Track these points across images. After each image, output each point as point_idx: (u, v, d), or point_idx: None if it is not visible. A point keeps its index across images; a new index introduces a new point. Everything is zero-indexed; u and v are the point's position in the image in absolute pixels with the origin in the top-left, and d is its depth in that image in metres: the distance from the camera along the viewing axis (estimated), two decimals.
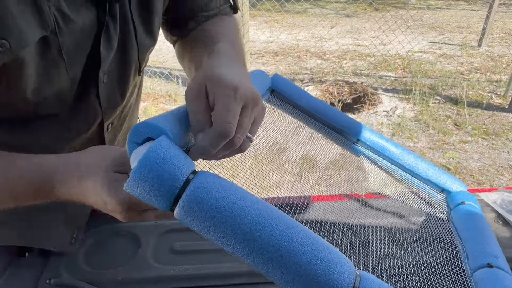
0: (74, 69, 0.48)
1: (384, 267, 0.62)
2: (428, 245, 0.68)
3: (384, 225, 0.72)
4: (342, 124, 0.81)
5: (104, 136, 0.59)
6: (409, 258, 0.64)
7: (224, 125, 0.38)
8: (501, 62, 4.11)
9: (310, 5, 6.79)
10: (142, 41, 0.55)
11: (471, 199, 0.76)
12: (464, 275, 0.61)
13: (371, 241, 0.68)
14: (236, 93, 0.40)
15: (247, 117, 0.41)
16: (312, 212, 0.76)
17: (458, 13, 6.28)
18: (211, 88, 0.40)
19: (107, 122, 0.58)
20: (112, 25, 0.48)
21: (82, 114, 0.54)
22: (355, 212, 0.76)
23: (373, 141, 0.80)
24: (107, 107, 0.56)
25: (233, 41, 0.58)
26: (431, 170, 0.80)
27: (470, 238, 0.67)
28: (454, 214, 0.74)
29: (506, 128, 2.87)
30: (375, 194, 0.81)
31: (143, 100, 3.41)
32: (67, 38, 0.44)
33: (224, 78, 0.41)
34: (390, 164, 0.82)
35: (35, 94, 0.45)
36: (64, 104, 0.51)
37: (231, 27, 0.63)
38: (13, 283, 0.63)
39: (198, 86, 0.41)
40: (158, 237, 0.72)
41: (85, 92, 0.52)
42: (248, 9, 3.36)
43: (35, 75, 0.43)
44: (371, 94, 3.39)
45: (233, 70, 0.44)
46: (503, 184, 2.30)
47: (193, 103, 0.41)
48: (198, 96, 0.41)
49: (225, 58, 0.48)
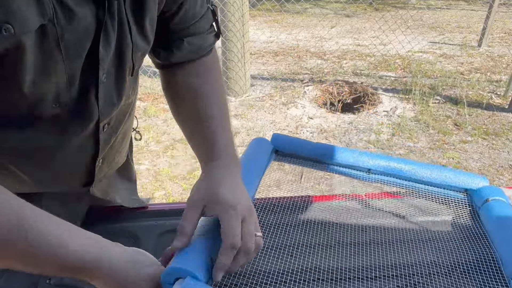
0: (72, 64, 0.47)
1: (385, 267, 0.62)
2: (457, 250, 0.65)
3: (386, 224, 0.72)
4: (348, 160, 0.82)
5: (99, 136, 0.59)
6: (414, 257, 0.64)
7: (233, 240, 0.49)
8: (501, 62, 4.11)
9: (310, 5, 6.79)
10: (136, 40, 0.55)
11: (495, 193, 0.73)
12: (501, 282, 0.58)
13: (372, 241, 0.68)
14: (236, 210, 0.51)
15: (250, 224, 0.52)
16: (312, 212, 0.76)
17: (458, 13, 6.28)
18: (212, 207, 0.52)
19: (103, 122, 0.58)
20: (110, 23, 0.49)
21: (79, 114, 0.54)
22: (355, 212, 0.76)
23: (383, 166, 0.81)
24: (104, 108, 0.56)
25: (225, 115, 0.67)
26: (447, 173, 0.78)
27: (502, 241, 0.64)
28: (481, 214, 0.72)
29: (506, 128, 2.87)
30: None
31: (143, 100, 3.41)
32: (65, 31, 0.44)
33: (223, 197, 0.52)
34: (407, 182, 0.82)
35: (32, 89, 0.45)
36: (62, 104, 0.50)
37: (216, 87, 0.69)
38: (13, 283, 0.63)
39: (199, 199, 0.53)
40: (158, 237, 0.72)
41: (84, 92, 0.52)
42: (248, 9, 3.36)
43: (32, 67, 0.43)
44: (371, 94, 3.39)
45: (230, 186, 0.55)
46: (503, 184, 2.30)
47: (189, 212, 0.53)
48: (194, 208, 0.53)
49: (228, 175, 0.58)
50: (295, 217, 0.74)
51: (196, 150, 0.65)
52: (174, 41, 0.64)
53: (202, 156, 0.63)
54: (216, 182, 0.55)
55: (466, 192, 0.79)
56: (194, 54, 0.66)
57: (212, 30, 0.67)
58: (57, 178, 0.64)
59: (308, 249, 0.67)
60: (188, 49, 0.65)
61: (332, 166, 0.84)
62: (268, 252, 0.66)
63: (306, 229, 0.71)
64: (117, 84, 0.56)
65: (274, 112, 3.24)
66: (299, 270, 0.62)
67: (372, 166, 0.82)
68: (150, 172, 2.48)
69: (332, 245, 0.67)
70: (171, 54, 0.64)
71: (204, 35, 0.66)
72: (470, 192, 0.78)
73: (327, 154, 0.83)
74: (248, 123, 3.07)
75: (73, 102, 0.51)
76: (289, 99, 3.42)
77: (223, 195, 0.53)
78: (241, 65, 3.40)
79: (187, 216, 0.53)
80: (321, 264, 0.63)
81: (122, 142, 0.72)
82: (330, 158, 0.83)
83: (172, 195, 2.29)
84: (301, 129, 2.96)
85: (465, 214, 0.74)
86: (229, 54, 3.35)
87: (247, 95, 3.53)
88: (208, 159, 0.61)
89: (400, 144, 2.73)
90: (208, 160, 0.61)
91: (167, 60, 0.66)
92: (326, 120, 3.08)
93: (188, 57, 0.66)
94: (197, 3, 0.62)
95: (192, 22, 0.63)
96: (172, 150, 2.72)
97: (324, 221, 0.73)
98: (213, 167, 0.59)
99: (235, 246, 0.49)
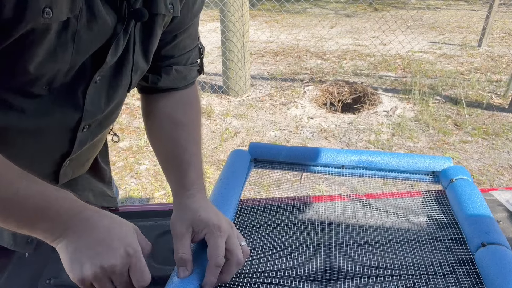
0: (78, 58, 0.52)
1: (385, 266, 0.62)
2: (433, 242, 0.68)
3: (384, 225, 0.72)
4: (321, 159, 0.87)
5: (76, 134, 0.62)
6: (412, 257, 0.64)
7: (217, 259, 0.56)
8: (501, 62, 4.12)
9: (310, 5, 6.79)
10: (137, 59, 0.60)
11: (459, 173, 0.78)
12: (466, 257, 0.63)
13: (371, 241, 0.68)
14: (220, 231, 0.58)
15: (234, 238, 0.60)
16: (312, 212, 0.76)
17: (458, 13, 6.28)
18: (200, 231, 0.59)
19: (84, 121, 0.60)
20: (122, 39, 0.55)
21: (62, 103, 0.57)
22: (355, 212, 0.76)
23: (355, 161, 0.86)
24: (89, 109, 0.59)
25: (199, 147, 0.71)
26: (414, 159, 0.84)
27: (464, 218, 0.69)
28: (448, 194, 0.77)
29: (506, 128, 2.87)
30: (374, 193, 0.81)
31: None
32: (83, 28, 0.49)
33: (208, 221, 0.59)
34: (379, 172, 0.87)
35: (36, 68, 0.49)
36: (51, 88, 0.54)
37: (195, 120, 0.74)
38: (13, 283, 0.63)
39: (186, 229, 0.59)
40: (157, 237, 0.72)
41: (76, 84, 0.55)
42: (248, 9, 3.36)
43: (45, 50, 0.48)
44: (371, 94, 3.39)
45: (207, 209, 0.62)
46: (503, 184, 2.30)
47: (181, 242, 0.59)
48: (184, 237, 0.59)
49: (199, 199, 0.64)
50: (295, 217, 0.75)
51: (170, 178, 0.69)
52: (164, 67, 0.69)
53: (174, 187, 0.67)
54: (195, 210, 0.61)
55: (434, 174, 0.84)
56: (179, 82, 0.71)
57: (196, 64, 0.74)
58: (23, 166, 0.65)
59: (308, 249, 0.67)
60: (175, 76, 0.70)
61: (308, 167, 0.89)
62: (268, 253, 0.66)
63: (305, 230, 0.71)
64: (109, 91, 0.61)
65: (274, 112, 3.24)
66: (299, 270, 0.62)
67: (345, 162, 0.87)
68: (150, 172, 2.48)
69: (331, 245, 0.67)
70: (159, 79, 0.69)
71: (190, 66, 0.72)
72: (437, 174, 0.84)
73: (302, 156, 0.88)
74: (248, 123, 3.07)
75: (62, 89, 0.55)
76: (289, 99, 3.42)
77: (207, 219, 0.59)
78: (241, 65, 3.40)
79: (181, 246, 0.58)
80: (321, 264, 0.63)
81: (94, 148, 0.76)
82: (305, 159, 0.88)
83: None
84: (301, 129, 2.96)
85: (434, 196, 0.79)
86: (229, 54, 3.35)
87: (247, 95, 3.53)
88: (181, 190, 0.66)
89: (400, 144, 2.73)
90: (181, 191, 0.65)
91: (154, 84, 0.70)
92: (326, 120, 3.08)
93: (174, 84, 0.71)
94: (190, 37, 0.69)
95: (182, 53, 0.69)
96: None
97: (323, 221, 0.73)
98: (187, 197, 0.64)
99: (219, 265, 0.56)
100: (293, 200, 0.79)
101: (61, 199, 0.50)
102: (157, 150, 0.73)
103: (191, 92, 0.74)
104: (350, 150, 0.89)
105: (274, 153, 0.90)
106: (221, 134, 2.91)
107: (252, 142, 0.91)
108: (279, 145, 0.92)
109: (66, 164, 0.67)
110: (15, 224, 0.49)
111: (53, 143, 0.62)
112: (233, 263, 0.58)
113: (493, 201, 0.77)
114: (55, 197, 0.50)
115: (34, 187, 0.49)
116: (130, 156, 2.64)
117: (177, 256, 0.57)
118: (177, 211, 0.63)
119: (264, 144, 0.93)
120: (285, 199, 0.80)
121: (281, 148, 0.90)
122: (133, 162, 2.58)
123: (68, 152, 0.64)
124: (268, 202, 0.79)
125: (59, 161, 0.66)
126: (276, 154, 0.89)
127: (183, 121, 0.71)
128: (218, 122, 3.09)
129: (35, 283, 0.62)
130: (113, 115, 0.68)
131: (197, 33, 0.72)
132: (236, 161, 0.86)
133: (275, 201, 0.79)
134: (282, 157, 0.89)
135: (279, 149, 0.90)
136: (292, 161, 0.89)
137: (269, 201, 0.79)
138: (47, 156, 0.64)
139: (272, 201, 0.79)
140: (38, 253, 0.68)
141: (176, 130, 0.70)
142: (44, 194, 0.49)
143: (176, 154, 0.68)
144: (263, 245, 0.68)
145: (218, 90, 3.59)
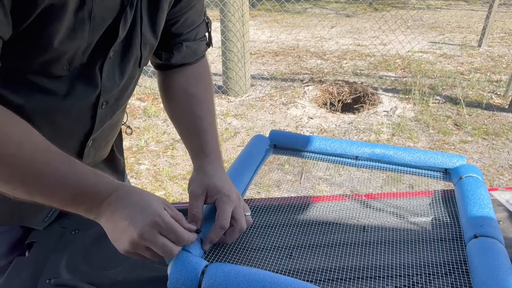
0: (93, 35, 0.56)
1: (385, 267, 0.62)
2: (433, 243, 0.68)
3: (386, 224, 0.72)
4: (336, 149, 0.92)
5: (97, 112, 0.66)
6: (412, 258, 0.64)
7: (222, 222, 0.62)
8: (501, 62, 4.12)
9: (310, 5, 6.79)
10: (145, 32, 0.64)
11: (469, 171, 0.79)
12: (460, 246, 0.66)
13: (371, 241, 0.68)
14: (230, 199, 0.65)
15: (241, 208, 0.67)
16: (312, 212, 0.76)
17: (458, 13, 6.28)
18: (212, 196, 0.66)
19: (103, 97, 0.65)
20: (129, 12, 0.59)
21: (82, 81, 0.61)
22: (355, 212, 0.76)
23: (369, 153, 0.90)
24: (106, 84, 0.63)
25: (214, 116, 0.78)
26: (428, 155, 0.86)
27: (464, 211, 0.71)
28: (456, 191, 0.78)
29: (506, 128, 2.87)
30: (378, 193, 0.81)
31: (143, 100, 3.41)
32: (97, 6, 0.54)
33: (221, 189, 0.66)
34: (392, 165, 0.89)
35: (60, 43, 0.53)
36: (72, 67, 0.58)
37: (208, 90, 0.80)
38: (13, 283, 0.63)
39: (202, 191, 0.66)
40: None
41: (92, 62, 0.60)
42: (248, 9, 3.36)
43: (65, 28, 0.52)
44: (371, 94, 3.39)
45: (222, 178, 0.68)
46: (503, 184, 2.30)
47: (196, 202, 0.65)
48: (199, 198, 0.66)
49: (217, 168, 0.71)
50: (295, 217, 0.75)
51: (190, 146, 0.75)
52: (175, 44, 0.74)
53: (195, 152, 0.74)
54: (211, 176, 0.68)
55: (446, 171, 0.86)
56: (190, 57, 0.77)
57: (205, 38, 0.79)
58: None
59: (308, 249, 0.67)
60: (186, 52, 0.76)
61: (323, 156, 0.95)
62: (268, 253, 0.66)
63: (305, 230, 0.71)
64: (121, 66, 0.65)
65: (274, 112, 3.24)
66: (299, 271, 0.62)
67: (359, 154, 0.91)
68: (150, 172, 2.48)
69: (331, 245, 0.67)
70: (171, 55, 0.75)
71: (199, 41, 0.77)
72: (449, 171, 0.86)
73: (318, 145, 0.94)
74: (248, 123, 3.07)
75: (81, 68, 0.59)
76: (289, 99, 3.42)
77: (220, 187, 0.66)
78: (241, 65, 3.40)
79: (195, 205, 0.65)
80: (321, 265, 0.63)
81: (112, 130, 0.80)
82: (321, 149, 0.94)
83: (172, 195, 2.29)
84: (301, 129, 2.96)
85: (439, 196, 0.81)
86: (229, 54, 3.35)
87: (247, 95, 3.53)
88: (201, 155, 0.72)
89: (400, 144, 2.73)
90: (201, 156, 0.72)
91: (167, 61, 0.76)
92: (326, 120, 3.08)
93: (185, 60, 0.77)
94: (196, 13, 0.74)
95: (190, 29, 0.74)
96: (172, 150, 2.72)
97: (323, 221, 0.73)
98: (208, 163, 0.71)
99: (224, 227, 0.63)
100: (293, 200, 0.79)
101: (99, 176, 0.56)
102: (175, 121, 0.79)
103: (201, 65, 0.80)
104: (365, 142, 0.94)
105: (292, 141, 0.96)
106: (221, 134, 2.91)
107: (273, 130, 0.99)
108: (297, 133, 0.98)
109: (89, 144, 0.71)
110: (59, 199, 0.53)
111: (76, 122, 0.66)
112: (236, 229, 0.65)
113: (493, 201, 0.77)
114: (93, 175, 0.55)
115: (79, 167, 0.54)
116: (130, 156, 2.64)
117: (191, 213, 0.64)
118: (197, 173, 0.70)
119: (284, 132, 1.00)
120: (285, 199, 0.80)
121: (299, 137, 0.96)
122: (133, 162, 2.58)
123: (90, 130, 0.69)
124: (268, 202, 0.79)
125: (83, 139, 0.70)
126: (294, 142, 0.96)
127: (197, 93, 0.77)
128: (218, 122, 3.09)
129: (35, 283, 0.62)
130: (127, 90, 0.72)
131: (203, 8, 0.76)
132: (256, 144, 0.94)
133: (275, 201, 0.79)
134: (299, 145, 0.95)
135: (297, 137, 0.96)
136: (308, 150, 0.95)
137: (269, 201, 0.79)
138: (73, 135, 0.68)
139: (272, 201, 0.79)
140: (38, 253, 0.68)
141: (191, 102, 0.76)
142: (84, 175, 0.54)
143: (194, 124, 0.75)
144: (263, 245, 0.68)
145: (218, 90, 3.59)
